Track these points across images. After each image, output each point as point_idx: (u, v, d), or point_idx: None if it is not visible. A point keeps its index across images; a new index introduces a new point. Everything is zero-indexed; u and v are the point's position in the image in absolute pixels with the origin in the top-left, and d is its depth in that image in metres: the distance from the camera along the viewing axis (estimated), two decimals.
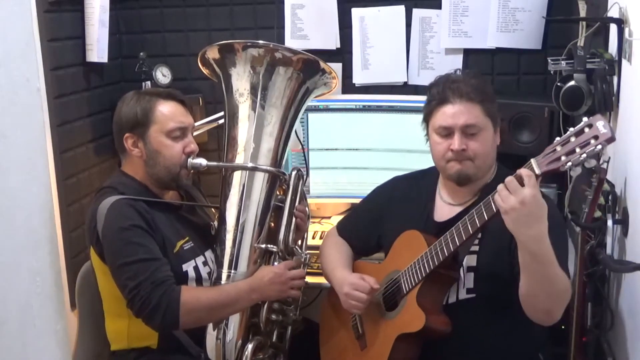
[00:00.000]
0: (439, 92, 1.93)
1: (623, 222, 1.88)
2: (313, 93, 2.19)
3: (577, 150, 1.56)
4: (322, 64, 2.13)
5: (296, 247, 2.15)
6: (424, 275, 1.87)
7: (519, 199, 1.60)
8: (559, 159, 1.59)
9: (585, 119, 1.58)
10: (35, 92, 2.06)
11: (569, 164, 1.57)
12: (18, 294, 1.87)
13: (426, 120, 1.99)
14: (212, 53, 2.14)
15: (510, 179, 1.63)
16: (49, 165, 2.23)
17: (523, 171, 1.64)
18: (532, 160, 1.65)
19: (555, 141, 1.63)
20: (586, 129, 1.56)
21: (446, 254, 1.82)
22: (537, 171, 1.62)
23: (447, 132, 1.90)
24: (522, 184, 1.61)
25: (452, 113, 1.89)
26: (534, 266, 1.67)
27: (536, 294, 1.71)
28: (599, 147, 1.53)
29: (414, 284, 1.90)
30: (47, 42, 2.34)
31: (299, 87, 2.13)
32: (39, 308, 1.95)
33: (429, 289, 1.89)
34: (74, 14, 2.54)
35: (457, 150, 1.88)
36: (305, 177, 2.23)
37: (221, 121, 2.41)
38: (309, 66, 2.12)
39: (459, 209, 1.97)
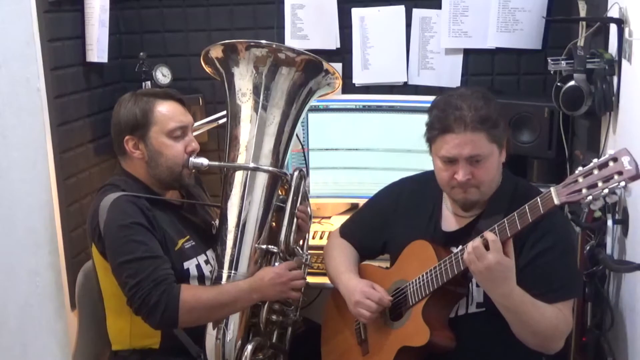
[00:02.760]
0: (440, 120, 1.84)
1: (623, 222, 1.88)
2: (316, 93, 2.18)
3: (600, 184, 1.53)
4: (326, 65, 2.12)
5: (297, 247, 2.14)
6: (431, 289, 1.86)
7: (484, 265, 1.68)
8: (579, 191, 1.56)
9: (610, 151, 1.54)
10: (35, 92, 2.06)
11: (590, 197, 1.54)
12: (18, 294, 1.87)
13: (428, 142, 1.92)
14: (216, 52, 2.14)
15: (477, 245, 1.70)
16: (49, 165, 2.23)
17: (489, 235, 1.69)
18: (552, 190, 1.62)
19: (577, 171, 1.59)
20: (610, 163, 1.52)
21: (456, 272, 1.81)
22: (557, 201, 1.60)
23: (451, 161, 1.85)
24: (487, 248, 1.68)
25: (456, 144, 1.81)
26: (508, 314, 1.77)
27: (520, 335, 1.80)
28: (623, 183, 1.49)
29: (420, 297, 1.89)
30: (47, 42, 2.34)
31: (302, 88, 2.12)
32: (39, 308, 1.94)
33: (435, 304, 1.88)
34: (74, 14, 2.54)
35: (462, 182, 1.84)
36: (306, 177, 2.22)
37: (221, 121, 2.41)
38: (312, 67, 2.11)
39: (467, 220, 1.95)
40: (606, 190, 1.52)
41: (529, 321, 1.74)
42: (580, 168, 1.59)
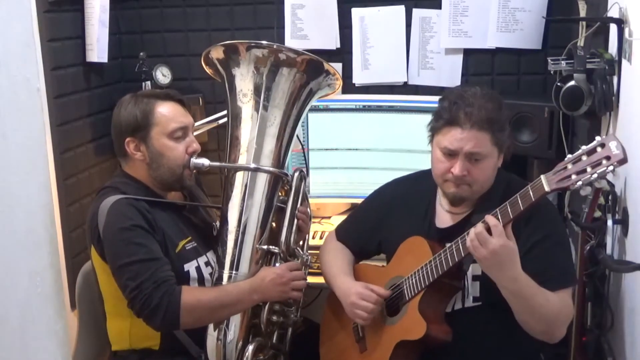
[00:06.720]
0: (450, 111, 1.85)
1: (623, 222, 1.88)
2: (317, 94, 2.18)
3: (588, 169, 1.56)
4: (326, 66, 2.12)
5: (298, 248, 2.14)
6: (427, 283, 1.87)
7: (489, 250, 1.68)
8: (569, 177, 1.59)
9: (598, 138, 1.57)
10: (35, 92, 2.05)
11: (579, 183, 1.57)
12: (18, 294, 1.87)
13: (432, 132, 1.93)
14: (216, 53, 2.14)
15: (480, 230, 1.70)
16: (49, 165, 2.23)
17: (490, 220, 1.69)
18: (542, 177, 1.65)
19: (566, 159, 1.62)
20: (598, 149, 1.56)
21: (450, 264, 1.82)
22: (547, 188, 1.63)
23: (451, 154, 1.86)
24: (490, 233, 1.68)
25: (460, 138, 1.83)
26: (515, 301, 1.76)
27: (526, 321, 1.80)
28: (611, 167, 1.53)
29: (416, 291, 1.90)
30: (47, 42, 2.34)
31: (303, 88, 2.12)
32: (39, 308, 1.94)
33: (431, 297, 1.89)
34: (74, 14, 2.54)
35: (458, 176, 1.86)
36: (306, 177, 2.22)
37: (222, 121, 2.41)
38: (313, 67, 2.11)
39: (460, 217, 1.97)
40: (595, 175, 1.55)
41: (535, 306, 1.75)
42: (569, 156, 1.62)
